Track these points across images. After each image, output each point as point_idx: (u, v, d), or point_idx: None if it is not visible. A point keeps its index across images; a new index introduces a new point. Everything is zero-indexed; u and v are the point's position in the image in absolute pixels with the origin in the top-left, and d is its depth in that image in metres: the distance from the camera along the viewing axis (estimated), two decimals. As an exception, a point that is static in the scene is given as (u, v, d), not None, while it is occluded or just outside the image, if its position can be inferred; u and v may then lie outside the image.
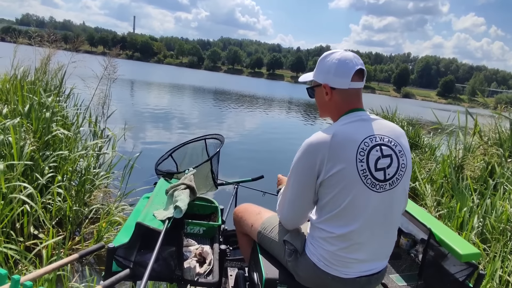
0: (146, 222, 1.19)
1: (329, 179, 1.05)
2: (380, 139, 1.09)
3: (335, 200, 1.06)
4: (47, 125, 2.77)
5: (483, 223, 2.92)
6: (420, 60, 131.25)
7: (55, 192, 2.40)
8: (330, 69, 1.15)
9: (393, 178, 1.08)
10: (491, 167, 3.42)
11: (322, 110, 1.26)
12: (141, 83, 21.99)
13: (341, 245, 1.09)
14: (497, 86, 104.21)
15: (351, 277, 1.13)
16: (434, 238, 1.35)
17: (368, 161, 1.05)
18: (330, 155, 1.04)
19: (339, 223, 1.07)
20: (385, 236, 1.14)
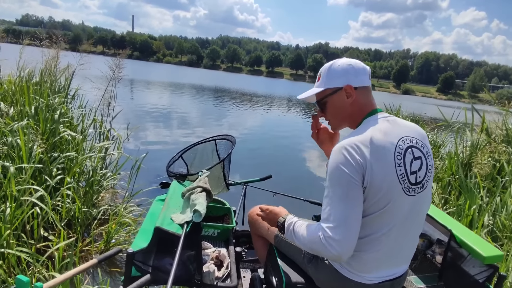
0: (165, 226, 1.17)
1: (371, 184, 0.99)
2: (410, 140, 1.07)
3: (373, 205, 1.01)
4: (56, 127, 2.75)
5: (493, 221, 2.91)
6: (420, 56, 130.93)
7: (65, 194, 2.39)
8: (348, 70, 1.14)
9: (423, 181, 1.06)
10: (500, 165, 3.40)
11: (340, 117, 1.20)
12: (142, 82, 21.95)
13: (368, 251, 1.05)
14: (498, 81, 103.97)
15: (374, 283, 1.11)
16: (454, 240, 1.33)
17: (405, 164, 1.02)
18: (372, 158, 0.98)
19: (371, 227, 1.03)
20: (410, 240, 1.12)
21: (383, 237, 1.04)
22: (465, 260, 1.35)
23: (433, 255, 1.59)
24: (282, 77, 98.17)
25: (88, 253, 2.41)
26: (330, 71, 1.17)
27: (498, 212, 2.93)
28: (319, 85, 1.20)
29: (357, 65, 1.16)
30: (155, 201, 1.62)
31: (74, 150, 2.91)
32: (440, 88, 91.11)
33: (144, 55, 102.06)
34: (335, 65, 1.17)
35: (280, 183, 4.77)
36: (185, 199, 1.36)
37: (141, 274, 1.16)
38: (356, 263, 1.08)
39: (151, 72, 37.71)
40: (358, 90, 1.14)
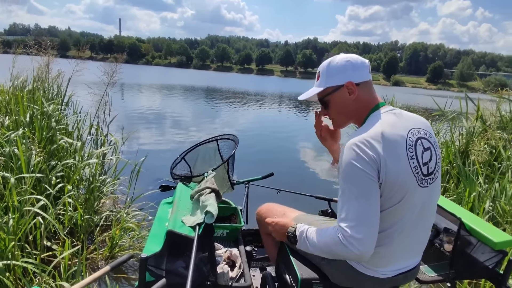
0: (177, 229, 1.16)
1: (386, 179, 0.98)
2: (418, 132, 1.07)
3: (389, 200, 1.01)
4: (52, 134, 2.71)
5: (493, 207, 2.95)
6: (408, 48, 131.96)
7: (67, 202, 2.35)
8: (346, 67, 1.13)
9: (434, 171, 1.07)
10: (497, 151, 3.45)
11: (344, 115, 1.19)
12: (133, 86, 21.74)
13: (384, 245, 1.05)
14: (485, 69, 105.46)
15: (389, 277, 1.12)
16: (464, 228, 1.35)
17: (417, 156, 1.02)
18: (385, 152, 0.97)
19: (386, 223, 1.03)
20: (423, 232, 1.13)
21: (399, 231, 1.04)
22: (475, 247, 1.37)
23: (441, 244, 1.60)
24: (273, 74, 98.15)
25: (93, 260, 2.39)
26: (329, 69, 1.16)
27: (498, 198, 2.98)
28: (319, 84, 1.19)
29: (356, 60, 1.15)
30: (162, 204, 1.61)
31: (72, 157, 2.88)
32: (429, 78, 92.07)
33: (133, 58, 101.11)
34: (333, 63, 1.16)
35: (283, 180, 4.77)
36: (194, 201, 1.35)
37: (155, 279, 1.15)
38: (372, 259, 1.07)
39: (141, 75, 37.39)
40: (360, 86, 1.13)
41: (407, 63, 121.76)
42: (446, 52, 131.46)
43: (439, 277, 1.42)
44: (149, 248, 1.20)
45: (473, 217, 1.40)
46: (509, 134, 3.74)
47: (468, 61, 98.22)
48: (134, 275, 2.40)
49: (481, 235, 1.30)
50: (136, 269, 2.43)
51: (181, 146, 6.78)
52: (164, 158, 5.80)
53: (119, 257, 2.45)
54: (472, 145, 3.57)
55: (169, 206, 1.57)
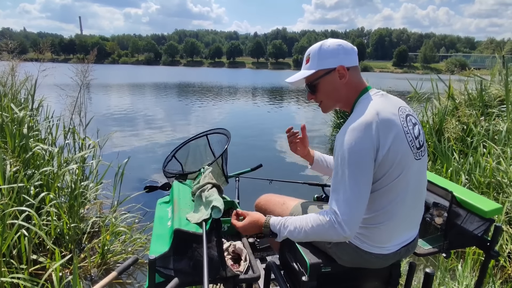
0: (183, 227, 1.15)
1: (387, 154, 1.01)
2: (405, 110, 1.13)
3: (391, 174, 1.04)
4: (26, 142, 2.56)
5: (469, 179, 3.13)
6: (374, 34, 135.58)
7: (52, 212, 2.24)
8: (338, 51, 1.15)
9: (423, 144, 1.14)
10: (468, 128, 3.64)
11: (334, 98, 1.20)
12: (101, 86, 20.84)
13: (385, 222, 1.09)
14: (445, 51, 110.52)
15: (393, 251, 1.16)
16: (455, 200, 1.42)
17: (410, 131, 1.08)
18: (383, 129, 1.01)
19: (389, 197, 1.06)
20: (419, 203, 1.19)
21: (399, 205, 1.08)
22: (465, 218, 1.45)
23: (432, 218, 1.68)
24: (245, 66, 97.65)
25: (85, 268, 2.30)
26: (321, 52, 1.16)
27: (472, 171, 3.16)
28: (309, 67, 1.19)
29: (347, 45, 1.17)
30: (158, 204, 1.57)
31: (50, 165, 2.73)
32: (395, 63, 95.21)
33: (98, 57, 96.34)
34: (325, 46, 1.17)
35: (273, 171, 4.79)
36: (197, 198, 1.33)
37: (164, 280, 1.13)
38: (376, 236, 1.12)
39: (109, 75, 36.00)
40: (350, 70, 1.15)
41: (374, 48, 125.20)
42: (409, 36, 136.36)
43: (434, 249, 1.50)
44: (155, 249, 1.18)
45: (463, 190, 1.48)
46: (477, 111, 3.96)
47: (430, 44, 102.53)
48: (129, 279, 2.35)
49: (472, 206, 1.38)
50: (131, 274, 2.37)
51: (160, 145, 6.63)
52: (144, 158, 5.67)
53: (111, 263, 2.38)
54: (446, 123, 3.75)
55: (166, 205, 1.53)
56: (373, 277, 1.30)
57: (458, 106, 3.99)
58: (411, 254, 1.32)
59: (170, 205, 1.49)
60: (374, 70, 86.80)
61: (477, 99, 4.16)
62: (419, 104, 4.99)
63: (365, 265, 1.21)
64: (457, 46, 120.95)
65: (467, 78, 4.40)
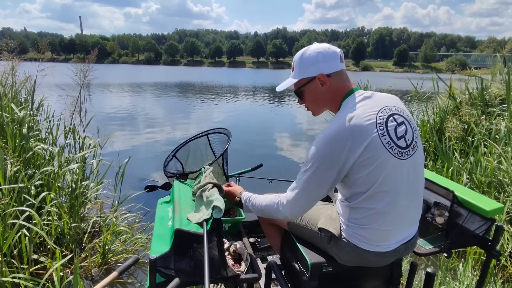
0: (184, 227, 1.15)
1: (359, 162, 1.06)
2: (389, 109, 1.14)
3: (370, 178, 1.08)
4: (26, 142, 2.56)
5: (470, 179, 3.12)
6: (374, 33, 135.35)
7: (53, 212, 2.24)
8: (318, 59, 1.18)
9: (412, 142, 1.14)
10: (469, 127, 3.63)
11: (319, 104, 1.26)
12: (101, 86, 20.86)
13: (381, 220, 1.11)
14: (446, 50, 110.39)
15: (392, 249, 1.17)
16: (457, 200, 1.42)
17: (389, 132, 1.09)
18: (354, 140, 1.05)
19: (377, 198, 1.09)
20: (416, 200, 1.19)
21: (391, 204, 1.10)
22: (467, 217, 1.45)
23: (433, 217, 1.68)
24: (245, 66, 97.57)
25: (86, 268, 2.30)
26: (302, 61, 1.20)
27: (473, 170, 3.15)
28: (293, 75, 1.24)
29: (327, 50, 1.19)
30: (159, 204, 1.57)
31: (50, 164, 2.73)
32: (396, 62, 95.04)
33: (98, 57, 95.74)
34: (305, 54, 1.20)
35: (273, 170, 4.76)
36: (197, 197, 1.33)
37: (165, 279, 1.13)
38: (373, 236, 1.14)
39: (109, 75, 35.94)
40: (332, 76, 1.18)
41: (374, 48, 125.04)
42: (409, 36, 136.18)
43: (435, 248, 1.49)
44: (156, 248, 1.17)
45: (464, 189, 1.48)
46: (478, 110, 3.95)
47: (430, 43, 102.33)
48: (130, 279, 2.35)
49: (473, 205, 1.38)
50: (132, 273, 2.37)
51: (161, 145, 6.64)
52: (144, 158, 5.67)
53: (112, 263, 2.38)
54: (446, 123, 3.74)
55: (167, 205, 1.53)
56: (375, 277, 1.30)
57: (459, 105, 3.98)
58: (411, 251, 1.32)
59: (170, 205, 1.49)
60: (375, 70, 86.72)
61: (478, 98, 4.15)
62: (420, 103, 4.98)
63: (365, 264, 1.22)
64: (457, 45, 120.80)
65: (468, 77, 4.39)
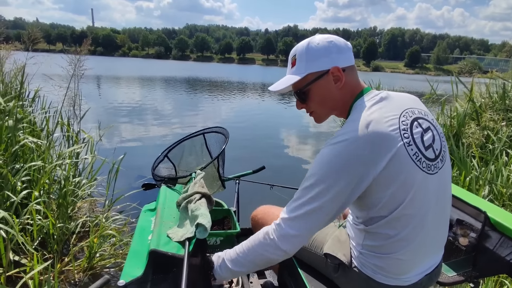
0: (161, 247, 0.95)
1: (381, 179, 0.83)
2: (413, 112, 0.91)
3: (394, 198, 0.85)
4: (12, 134, 2.40)
5: (490, 190, 2.88)
6: (386, 33, 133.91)
7: (34, 210, 2.08)
8: (330, 49, 0.94)
9: (441, 152, 0.91)
10: (494, 133, 3.38)
11: (328, 107, 0.99)
12: (109, 78, 20.86)
13: (403, 248, 0.89)
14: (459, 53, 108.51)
15: (413, 282, 0.96)
16: (489, 222, 1.20)
17: (415, 141, 0.86)
18: (374, 150, 0.81)
19: (401, 223, 0.87)
20: (443, 223, 0.97)
21: (418, 229, 0.89)
22: (499, 242, 1.23)
23: (456, 237, 1.46)
24: (254, 63, 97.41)
25: (70, 273, 2.14)
26: (310, 52, 0.94)
27: (494, 181, 2.91)
28: (296, 71, 0.97)
29: (339, 41, 0.96)
30: (143, 212, 1.37)
31: (40, 159, 2.57)
32: (407, 63, 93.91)
33: (108, 50, 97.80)
34: (314, 44, 0.95)
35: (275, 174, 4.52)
36: (182, 210, 1.13)
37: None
38: (392, 267, 0.93)
39: (118, 67, 36.09)
40: (347, 71, 0.95)
41: (386, 48, 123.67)
42: (422, 37, 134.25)
43: (460, 277, 1.28)
44: (128, 271, 0.98)
45: (497, 209, 1.26)
46: (500, 115, 3.69)
47: (444, 45, 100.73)
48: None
49: (508, 229, 1.16)
50: None
51: (164, 141, 6.47)
52: (146, 154, 5.50)
53: (98, 268, 2.21)
54: (465, 128, 3.49)
55: (151, 214, 1.34)
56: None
57: (479, 109, 3.71)
58: (434, 283, 1.11)
59: (155, 214, 1.30)
60: (386, 70, 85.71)
61: (499, 102, 3.88)
62: (435, 106, 4.72)
63: None
64: (471, 48, 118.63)
65: (489, 80, 4.11)
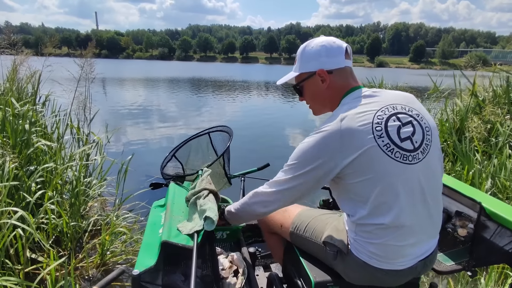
0: (172, 239, 1.02)
1: (351, 168, 0.94)
2: (393, 108, 1.00)
3: (368, 187, 0.95)
4: (27, 138, 2.49)
5: (493, 183, 2.91)
6: (390, 28, 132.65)
7: (49, 210, 2.17)
8: (320, 53, 1.08)
9: (422, 145, 0.99)
10: (496, 127, 3.39)
11: (319, 103, 1.16)
12: (114, 80, 21.08)
13: (392, 234, 0.97)
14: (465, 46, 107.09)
15: (407, 267, 1.03)
16: (484, 212, 1.25)
17: (388, 133, 0.95)
18: (344, 143, 0.93)
19: (383, 210, 0.95)
20: (432, 209, 1.03)
21: (403, 215, 0.95)
22: (495, 232, 1.28)
23: (455, 229, 1.51)
24: (258, 61, 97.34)
25: (84, 269, 2.23)
26: (304, 54, 1.12)
27: (497, 174, 2.93)
28: (295, 69, 1.17)
29: (331, 45, 1.08)
30: (153, 208, 1.45)
31: (52, 161, 2.67)
32: (412, 58, 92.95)
33: (113, 52, 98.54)
34: (308, 47, 1.11)
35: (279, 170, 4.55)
36: (191, 205, 1.20)
37: (151, 296, 1.01)
38: (384, 252, 0.99)
39: (123, 69, 36.36)
40: (333, 73, 1.08)
41: (390, 43, 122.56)
42: (427, 31, 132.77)
43: (457, 266, 1.33)
44: (142, 261, 1.06)
45: (493, 200, 1.31)
46: (503, 109, 3.70)
47: (449, 38, 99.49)
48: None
49: (503, 218, 1.21)
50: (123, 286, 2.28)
51: (170, 141, 6.57)
52: (153, 154, 5.60)
53: (111, 264, 2.30)
54: (468, 122, 3.51)
55: (161, 209, 1.41)
56: (388, 299, 1.15)
57: (482, 103, 3.72)
58: (429, 269, 1.16)
59: (164, 209, 1.37)
60: (390, 66, 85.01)
61: (503, 96, 3.88)
62: (438, 101, 4.73)
63: (376, 283, 1.07)
64: (477, 41, 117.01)
65: (492, 73, 4.11)
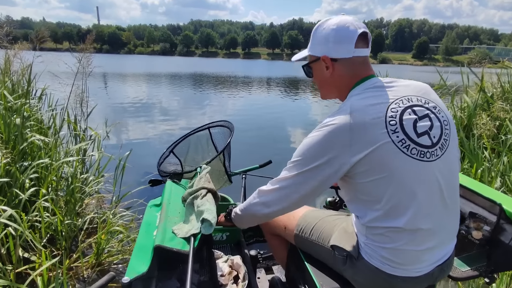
0: (166, 243, 0.94)
1: (362, 166, 0.86)
2: (408, 100, 0.91)
3: (380, 187, 0.86)
4: (20, 132, 2.41)
5: (503, 182, 2.81)
6: (393, 24, 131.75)
7: (42, 207, 2.08)
8: (328, 37, 0.98)
9: (441, 140, 0.90)
10: (505, 124, 3.28)
11: (324, 89, 1.08)
12: (115, 75, 20.97)
13: (408, 238, 0.88)
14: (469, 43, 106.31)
15: (424, 273, 0.94)
16: (504, 215, 1.16)
17: (404, 128, 0.86)
18: (353, 138, 0.85)
19: (397, 212, 0.87)
20: (451, 210, 0.94)
21: (420, 217, 0.87)
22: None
23: (469, 231, 1.41)
24: (260, 57, 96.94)
25: (78, 269, 2.15)
26: (315, 36, 1.03)
27: (507, 172, 2.83)
28: (307, 48, 1.08)
29: (343, 30, 0.96)
30: (148, 207, 1.36)
31: (47, 156, 2.58)
32: (415, 54, 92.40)
33: (114, 47, 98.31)
34: (320, 28, 1.02)
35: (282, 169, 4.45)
36: (188, 205, 1.11)
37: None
38: (399, 257, 0.91)
39: (124, 65, 36.23)
40: (338, 63, 0.98)
41: (393, 40, 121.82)
42: (430, 27, 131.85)
43: (474, 271, 1.24)
44: (133, 267, 0.97)
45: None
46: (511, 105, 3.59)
47: (453, 35, 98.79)
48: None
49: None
50: None
51: (170, 136, 6.48)
52: (153, 150, 5.51)
53: (106, 264, 2.22)
54: (476, 119, 3.40)
55: (157, 209, 1.32)
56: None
57: (490, 99, 3.61)
58: (446, 275, 1.08)
59: (160, 209, 1.29)
60: (393, 62, 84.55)
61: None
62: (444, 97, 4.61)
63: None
64: (480, 38, 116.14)
65: (500, 70, 4.00)
